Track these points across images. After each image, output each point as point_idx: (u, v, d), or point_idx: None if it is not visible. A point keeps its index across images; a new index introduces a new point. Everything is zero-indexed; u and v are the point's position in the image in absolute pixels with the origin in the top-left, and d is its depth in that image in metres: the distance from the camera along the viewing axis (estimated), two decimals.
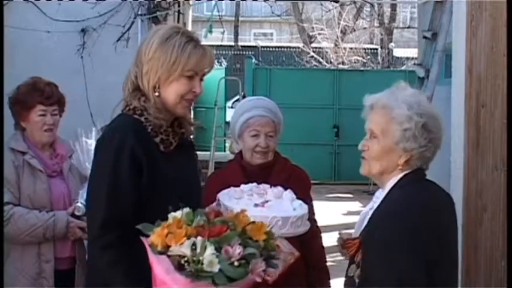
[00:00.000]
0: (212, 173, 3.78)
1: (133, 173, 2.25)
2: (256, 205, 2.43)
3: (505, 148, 2.87)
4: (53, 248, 3.28)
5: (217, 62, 18.11)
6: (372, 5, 19.10)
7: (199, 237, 1.90)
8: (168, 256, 1.92)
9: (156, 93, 2.32)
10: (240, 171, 3.00)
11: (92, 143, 3.33)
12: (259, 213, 2.34)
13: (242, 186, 2.58)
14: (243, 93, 11.76)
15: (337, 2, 8.40)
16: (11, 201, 3.23)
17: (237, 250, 1.90)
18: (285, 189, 2.58)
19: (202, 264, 1.86)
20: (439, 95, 5.04)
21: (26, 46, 5.82)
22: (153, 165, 2.28)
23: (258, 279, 1.94)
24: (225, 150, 12.31)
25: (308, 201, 2.73)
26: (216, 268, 1.86)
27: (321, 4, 20.76)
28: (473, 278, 3.06)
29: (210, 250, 1.87)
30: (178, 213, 2.01)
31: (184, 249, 1.89)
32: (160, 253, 1.93)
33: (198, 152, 2.62)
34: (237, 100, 13.17)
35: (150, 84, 2.32)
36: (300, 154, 11.41)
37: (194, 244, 1.89)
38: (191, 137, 2.53)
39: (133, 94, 2.35)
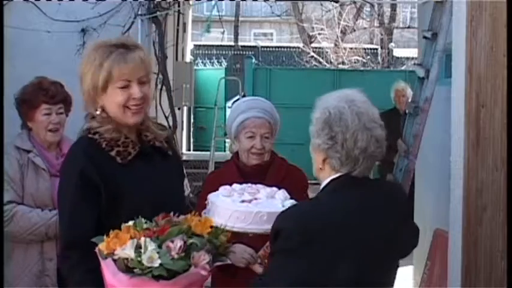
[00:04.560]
0: (210, 173, 3.79)
1: (88, 195, 2.31)
2: (243, 201, 2.43)
3: (505, 148, 2.88)
4: (55, 246, 3.28)
5: (217, 62, 18.11)
6: (372, 5, 19.09)
7: (142, 238, 1.97)
8: (115, 260, 1.98)
9: (98, 111, 2.37)
10: (237, 171, 3.00)
11: None
12: (244, 209, 2.36)
13: (234, 185, 2.58)
14: (243, 93, 11.75)
15: (337, 2, 8.38)
16: (14, 200, 3.24)
17: (178, 244, 1.96)
18: (279, 188, 2.59)
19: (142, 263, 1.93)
20: (439, 95, 5.03)
21: (26, 46, 5.81)
22: (112, 180, 2.32)
23: (203, 272, 1.98)
24: (225, 150, 12.29)
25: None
26: (156, 263, 1.93)
27: (321, 4, 20.74)
28: (473, 278, 3.05)
29: (150, 247, 1.94)
30: (130, 223, 2.07)
31: (127, 251, 1.96)
32: (107, 258, 2.00)
33: (197, 152, 2.64)
34: (237, 100, 13.16)
35: (90, 105, 2.39)
36: (300, 154, 11.36)
37: (139, 245, 1.95)
38: (166, 140, 2.54)
39: (87, 117, 2.43)
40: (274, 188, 2.57)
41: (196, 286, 2.03)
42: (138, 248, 1.96)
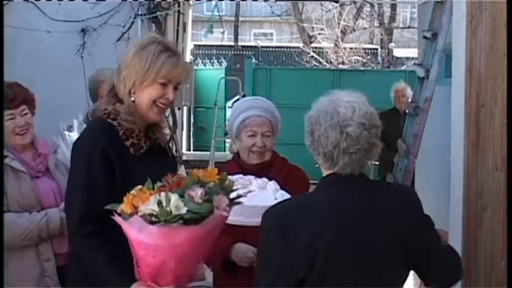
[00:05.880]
0: None
1: (106, 172, 2.40)
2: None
3: (505, 148, 2.87)
4: (51, 247, 3.25)
5: (217, 62, 18.12)
6: (372, 5, 19.10)
7: (162, 193, 2.06)
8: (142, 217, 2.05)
9: (132, 98, 2.48)
10: (238, 171, 3.00)
11: (74, 135, 3.30)
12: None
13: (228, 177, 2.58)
14: (243, 93, 11.76)
15: (337, 2, 8.40)
16: None
17: (198, 191, 2.06)
18: (270, 179, 2.61)
19: (171, 213, 2.01)
20: (439, 95, 5.03)
21: (26, 46, 5.82)
22: (124, 166, 2.42)
23: (225, 213, 2.10)
24: (225, 150, 12.30)
25: None
26: (183, 210, 2.03)
27: (321, 4, 20.75)
28: (473, 278, 3.05)
29: (174, 197, 2.03)
30: (138, 186, 2.15)
31: (151, 206, 2.03)
32: (131, 216, 2.07)
33: (197, 152, 2.69)
34: (237, 100, 13.16)
35: (126, 89, 2.48)
36: (300, 154, 11.34)
37: (160, 201, 2.04)
38: (167, 143, 2.68)
39: (109, 99, 2.52)
40: (265, 179, 2.59)
41: (219, 228, 2.15)
42: (159, 204, 2.03)
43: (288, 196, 2.56)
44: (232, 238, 2.91)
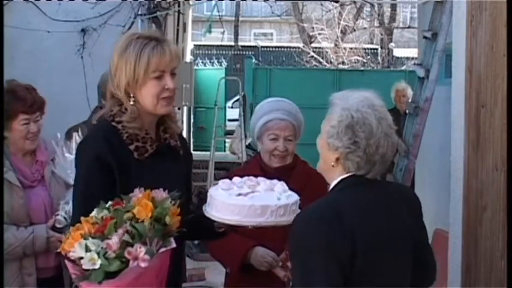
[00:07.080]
0: (236, 169, 3.82)
1: (105, 182, 2.31)
2: (239, 194, 2.41)
3: (505, 148, 2.87)
4: (34, 262, 3.18)
5: (218, 62, 18.12)
6: (372, 5, 19.10)
7: (90, 238, 1.94)
8: (74, 261, 1.96)
9: (131, 102, 2.39)
10: (260, 173, 2.95)
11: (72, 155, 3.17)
12: (238, 202, 2.34)
13: (235, 179, 2.54)
14: (243, 93, 11.75)
15: (337, 2, 8.40)
16: None
17: (115, 241, 1.93)
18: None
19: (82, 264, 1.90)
20: (439, 95, 5.04)
21: (26, 46, 5.82)
22: (126, 172, 2.33)
23: (143, 264, 1.94)
24: (225, 150, 12.30)
25: None
26: (97, 265, 1.90)
27: (321, 4, 20.77)
28: (473, 278, 3.06)
29: (93, 248, 1.92)
30: (94, 212, 2.06)
31: (78, 252, 1.93)
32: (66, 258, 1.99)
33: (197, 152, 2.63)
34: (237, 100, 13.17)
35: (123, 94, 2.39)
36: (300, 154, 11.36)
37: (85, 247, 1.93)
38: (179, 139, 2.55)
39: (113, 100, 2.44)
40: (275, 181, 2.54)
41: (147, 277, 2.00)
42: (86, 249, 1.93)
43: (294, 197, 2.47)
44: (252, 241, 2.90)
